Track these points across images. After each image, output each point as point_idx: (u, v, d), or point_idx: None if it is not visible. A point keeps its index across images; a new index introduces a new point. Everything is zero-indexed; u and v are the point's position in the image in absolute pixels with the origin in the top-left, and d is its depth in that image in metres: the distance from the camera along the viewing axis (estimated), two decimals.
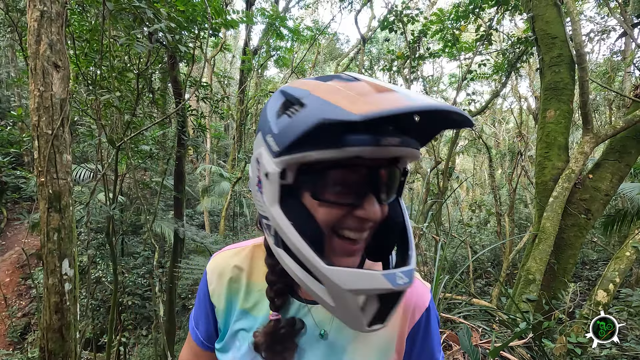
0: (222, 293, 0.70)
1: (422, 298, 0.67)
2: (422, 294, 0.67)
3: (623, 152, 3.17)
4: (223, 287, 0.70)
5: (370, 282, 0.47)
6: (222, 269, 0.71)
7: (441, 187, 6.36)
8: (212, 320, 0.72)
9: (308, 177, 0.51)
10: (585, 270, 8.83)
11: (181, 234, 5.16)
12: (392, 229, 0.57)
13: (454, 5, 6.24)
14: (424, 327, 0.67)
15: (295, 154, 0.48)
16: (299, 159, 0.48)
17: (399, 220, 0.57)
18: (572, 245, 3.19)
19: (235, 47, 17.09)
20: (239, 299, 0.69)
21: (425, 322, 0.67)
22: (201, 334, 0.74)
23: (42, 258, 2.17)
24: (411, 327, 0.65)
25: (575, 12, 3.11)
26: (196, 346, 0.76)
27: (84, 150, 7.84)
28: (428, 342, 0.68)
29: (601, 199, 3.16)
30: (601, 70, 9.58)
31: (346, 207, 0.52)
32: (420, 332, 0.66)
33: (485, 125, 14.55)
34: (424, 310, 0.66)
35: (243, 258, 0.71)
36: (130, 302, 7.44)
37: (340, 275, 0.48)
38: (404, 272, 0.48)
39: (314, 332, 0.64)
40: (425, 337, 0.67)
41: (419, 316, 0.66)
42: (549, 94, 3.49)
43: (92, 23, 4.03)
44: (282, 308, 0.65)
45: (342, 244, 0.53)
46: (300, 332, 0.63)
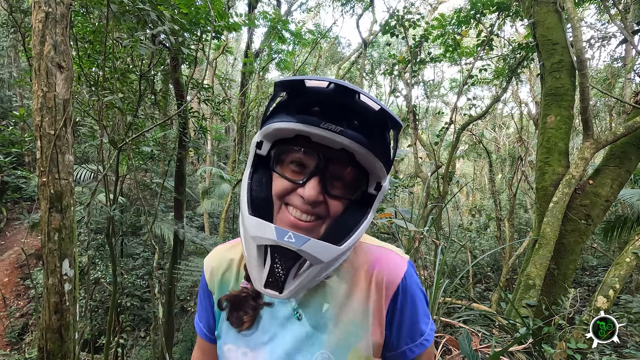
0: (216, 281, 0.75)
1: (395, 270, 0.68)
2: (397, 266, 0.69)
3: (623, 158, 3.18)
4: (218, 276, 0.75)
5: (263, 231, 0.56)
6: (218, 262, 0.76)
7: (441, 192, 6.36)
8: (211, 311, 0.76)
9: (276, 152, 0.61)
10: (586, 276, 8.81)
11: (181, 235, 5.16)
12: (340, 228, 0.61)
13: (455, 10, 6.28)
14: (402, 298, 0.67)
15: (265, 125, 0.60)
16: (265, 130, 0.60)
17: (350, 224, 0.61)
18: (572, 250, 3.19)
19: (237, 49, 17.15)
20: (230, 285, 0.73)
21: (403, 293, 0.67)
22: (204, 326, 0.78)
23: (41, 258, 2.17)
24: (388, 301, 0.67)
25: (576, 19, 3.13)
26: (202, 341, 0.80)
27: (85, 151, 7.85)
28: (409, 313, 0.68)
29: (601, 205, 3.16)
30: (601, 77, 9.61)
31: (292, 184, 0.60)
32: (399, 303, 0.67)
33: (486, 130, 14.56)
34: (398, 282, 0.67)
35: (236, 251, 0.77)
36: (129, 304, 7.43)
37: (251, 222, 0.57)
38: (297, 235, 0.55)
39: (290, 314, 0.67)
40: (404, 309, 0.67)
41: (394, 289, 0.67)
42: (550, 100, 3.50)
43: (96, 24, 4.06)
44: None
45: (287, 216, 0.60)
46: (266, 304, 0.68)
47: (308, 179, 0.58)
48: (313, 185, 0.58)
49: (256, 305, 0.68)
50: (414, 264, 0.74)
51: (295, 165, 0.60)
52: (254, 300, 0.68)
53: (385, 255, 0.70)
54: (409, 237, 2.70)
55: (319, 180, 0.58)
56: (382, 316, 0.67)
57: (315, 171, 0.58)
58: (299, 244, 0.55)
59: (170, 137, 6.35)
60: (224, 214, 8.89)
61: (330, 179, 0.60)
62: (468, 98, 7.28)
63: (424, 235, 2.45)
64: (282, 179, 0.60)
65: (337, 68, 14.78)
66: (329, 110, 0.56)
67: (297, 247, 0.55)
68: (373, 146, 0.58)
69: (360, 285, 0.68)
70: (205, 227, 10.77)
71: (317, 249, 0.56)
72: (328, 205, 0.60)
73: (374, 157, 0.58)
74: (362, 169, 0.61)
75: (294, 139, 0.59)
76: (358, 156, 0.58)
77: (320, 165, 0.58)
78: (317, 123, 0.55)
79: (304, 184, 0.58)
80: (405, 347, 0.68)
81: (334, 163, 0.59)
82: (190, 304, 8.68)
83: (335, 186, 0.61)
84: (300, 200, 0.59)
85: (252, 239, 0.57)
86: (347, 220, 0.61)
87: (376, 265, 0.68)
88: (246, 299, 0.69)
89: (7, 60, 13.03)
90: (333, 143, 0.56)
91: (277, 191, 0.61)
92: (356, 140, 0.56)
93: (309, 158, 0.59)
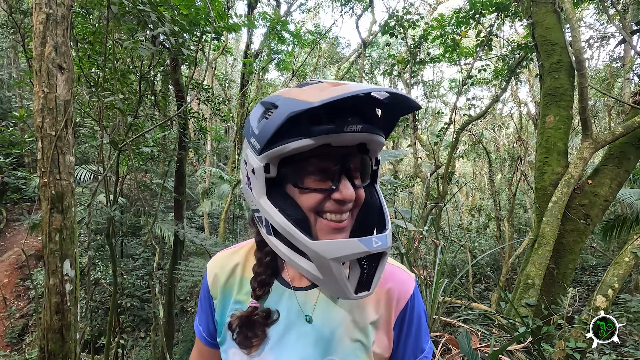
0: (219, 286, 0.75)
1: (405, 286, 0.71)
2: (406, 282, 0.71)
3: (622, 158, 3.19)
4: (221, 281, 0.75)
5: (349, 248, 0.55)
6: (221, 266, 0.76)
7: (441, 192, 6.36)
8: (212, 315, 0.77)
9: (289, 169, 0.59)
10: (585, 275, 8.82)
11: (181, 235, 5.16)
12: (371, 210, 0.64)
13: (455, 10, 6.29)
14: (410, 314, 0.70)
15: (274, 148, 0.56)
16: (277, 152, 0.56)
17: (376, 202, 0.65)
18: (571, 250, 3.20)
19: (237, 50, 17.16)
20: (234, 291, 0.74)
21: (411, 309, 0.70)
22: (203, 330, 0.79)
23: (42, 259, 2.18)
24: (397, 314, 0.69)
25: (574, 19, 3.14)
26: (201, 344, 0.80)
27: (85, 152, 7.86)
28: (414, 330, 0.70)
29: (600, 205, 3.17)
30: (600, 77, 9.63)
31: (324, 192, 0.59)
32: (407, 319, 0.70)
33: (486, 130, 14.58)
34: (408, 297, 0.70)
35: (239, 256, 0.77)
36: (129, 304, 7.43)
37: (323, 247, 0.55)
38: (378, 237, 0.56)
39: (299, 316, 0.68)
40: (410, 325, 0.70)
41: (404, 303, 0.70)
42: (549, 100, 3.51)
43: (96, 25, 4.06)
44: (262, 298, 0.70)
45: (327, 224, 0.60)
46: (273, 323, 0.68)
47: (336, 181, 0.59)
48: (346, 185, 0.58)
49: (265, 325, 0.68)
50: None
51: (318, 174, 0.59)
52: (264, 320, 0.68)
53: (395, 272, 0.72)
54: (408, 237, 2.70)
55: (347, 179, 0.59)
56: (390, 329, 0.69)
57: (341, 172, 0.59)
58: (386, 244, 0.57)
59: (170, 137, 6.36)
60: (224, 215, 8.89)
61: (352, 173, 0.61)
62: (467, 98, 7.29)
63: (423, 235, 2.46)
64: (309, 192, 0.59)
65: (336, 68, 14.79)
66: (346, 113, 0.55)
67: (385, 247, 0.57)
68: (385, 129, 0.60)
69: (371, 299, 0.69)
70: (205, 228, 10.78)
71: (390, 240, 0.58)
72: (356, 197, 0.62)
73: (382, 137, 0.61)
74: (366, 151, 0.63)
75: (309, 150, 0.57)
76: (370, 144, 0.60)
77: (345, 166, 0.59)
78: (339, 130, 0.54)
79: (336, 189, 0.59)
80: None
81: (351, 157, 0.60)
82: (191, 304, 8.68)
83: (359, 177, 0.63)
84: (335, 204, 0.59)
85: (334, 260, 0.55)
86: (371, 200, 0.65)
87: (387, 282, 0.70)
88: (257, 320, 0.68)
89: (7, 61, 13.03)
90: (353, 141, 0.57)
91: (310, 205, 0.60)
92: (373, 132, 0.58)
93: (330, 163, 0.59)
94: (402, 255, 2.16)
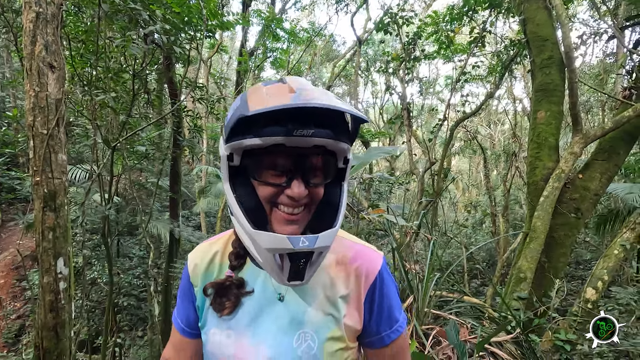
0: (200, 274, 0.78)
1: (373, 264, 0.75)
2: (374, 260, 0.76)
3: (612, 152, 3.23)
4: (201, 269, 0.79)
5: (276, 243, 0.60)
6: (201, 256, 0.80)
7: (436, 188, 6.41)
8: (192, 303, 0.80)
9: (250, 160, 0.64)
10: (580, 270, 8.89)
11: (177, 234, 5.17)
12: (330, 207, 0.68)
13: (448, 7, 6.31)
14: (379, 288, 0.75)
15: (234, 141, 0.61)
16: (237, 145, 0.61)
17: (334, 201, 0.68)
18: (562, 244, 3.25)
19: (232, 48, 17.09)
20: (214, 276, 0.77)
21: (380, 284, 0.75)
22: (182, 321, 0.82)
23: (37, 258, 2.18)
24: (367, 290, 0.73)
25: (564, 15, 3.17)
26: (177, 336, 0.83)
27: (79, 151, 7.82)
28: (386, 302, 0.75)
29: (591, 199, 3.21)
30: (594, 72, 9.69)
31: (277, 187, 0.64)
32: (377, 293, 0.75)
33: (481, 127, 14.64)
34: (376, 273, 0.75)
35: (218, 245, 0.81)
36: (125, 303, 7.43)
37: (261, 237, 0.61)
38: (306, 237, 0.60)
39: (272, 295, 0.73)
40: (382, 298, 0.75)
41: (372, 279, 0.74)
42: (540, 96, 3.55)
43: (88, 24, 4.05)
44: (237, 269, 0.75)
45: (280, 214, 0.65)
46: (247, 293, 0.73)
47: (290, 178, 0.63)
48: (297, 184, 0.62)
49: (238, 294, 0.73)
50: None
51: (275, 169, 0.63)
52: (237, 289, 0.73)
53: (363, 250, 0.78)
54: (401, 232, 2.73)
55: (300, 178, 0.63)
56: (360, 303, 0.73)
57: (295, 170, 0.63)
58: (313, 245, 0.60)
59: (165, 136, 6.35)
60: (220, 213, 8.90)
61: (308, 171, 0.64)
62: (462, 95, 7.32)
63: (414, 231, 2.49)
64: (265, 184, 0.64)
65: (332, 66, 14.78)
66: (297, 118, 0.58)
67: (312, 248, 0.60)
68: (339, 135, 0.63)
69: (340, 275, 0.74)
70: (202, 226, 10.77)
71: (324, 239, 0.62)
72: (311, 194, 0.65)
73: (341, 142, 0.63)
74: (331, 152, 0.65)
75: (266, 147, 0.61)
76: (328, 147, 0.63)
77: (298, 165, 0.63)
78: (289, 133, 0.57)
79: (289, 185, 0.63)
80: (383, 333, 0.75)
81: (308, 157, 0.63)
82: None
83: (314, 176, 0.65)
84: (288, 198, 0.63)
85: (267, 250, 0.61)
86: (330, 198, 0.68)
87: (356, 259, 0.75)
88: (230, 287, 0.73)
89: (0, 61, 12.92)
90: (306, 144, 0.60)
91: (264, 197, 0.64)
92: (326, 136, 0.60)
93: (286, 161, 0.63)
94: (393, 250, 2.19)
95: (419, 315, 1.94)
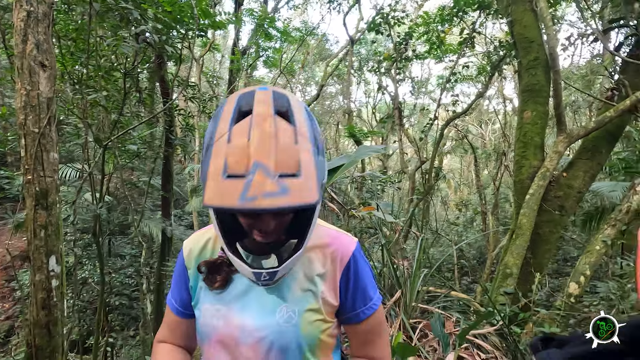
0: (193, 257, 0.85)
1: (347, 248, 0.82)
2: (348, 245, 0.83)
3: (595, 151, 3.33)
4: (195, 253, 0.85)
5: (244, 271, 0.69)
6: (195, 241, 0.87)
7: (426, 186, 6.49)
8: (185, 285, 0.86)
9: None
10: (567, 267, 9.06)
11: (169, 232, 5.17)
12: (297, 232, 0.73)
13: (439, 8, 6.39)
14: (354, 269, 0.82)
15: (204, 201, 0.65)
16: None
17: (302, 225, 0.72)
18: (547, 240, 3.34)
19: (225, 46, 17.01)
20: (207, 257, 0.84)
21: (354, 265, 0.82)
22: (176, 301, 0.88)
23: (27, 259, 2.19)
24: (342, 270, 0.81)
25: (548, 18, 3.25)
26: (171, 316, 0.89)
27: (70, 150, 7.74)
28: (360, 282, 0.83)
29: (574, 196, 3.31)
30: (582, 73, 9.87)
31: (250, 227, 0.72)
32: (351, 273, 0.82)
33: (472, 126, 14.81)
34: (350, 255, 0.82)
35: (211, 232, 0.88)
36: (117, 303, 7.38)
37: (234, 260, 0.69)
38: (268, 273, 0.67)
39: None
40: (356, 278, 0.82)
41: (347, 260, 0.81)
42: (526, 96, 3.63)
43: (79, 22, 4.03)
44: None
45: (255, 235, 0.72)
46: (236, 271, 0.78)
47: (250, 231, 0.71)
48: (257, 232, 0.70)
49: (229, 271, 0.81)
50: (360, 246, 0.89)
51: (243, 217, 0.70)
52: (228, 267, 0.80)
53: (339, 236, 0.85)
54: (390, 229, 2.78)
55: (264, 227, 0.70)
56: (336, 282, 0.81)
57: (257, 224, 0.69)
58: (273, 278, 0.68)
59: (157, 135, 6.33)
60: None
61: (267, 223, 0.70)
62: (452, 95, 7.42)
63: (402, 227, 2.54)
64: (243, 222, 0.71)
65: (325, 65, 14.81)
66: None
67: (272, 281, 0.68)
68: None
69: (318, 257, 0.81)
70: (195, 226, 10.71)
71: (285, 269, 0.68)
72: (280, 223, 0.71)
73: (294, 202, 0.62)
74: None
75: None
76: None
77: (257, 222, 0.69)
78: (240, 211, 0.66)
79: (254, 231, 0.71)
80: (359, 310, 0.83)
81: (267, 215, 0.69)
82: None
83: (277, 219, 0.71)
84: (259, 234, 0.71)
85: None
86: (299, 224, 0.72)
87: (332, 244, 0.83)
88: (221, 265, 0.81)
89: None
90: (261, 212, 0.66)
91: (245, 226, 0.72)
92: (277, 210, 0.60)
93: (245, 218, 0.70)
94: (382, 246, 2.24)
95: (407, 309, 1.99)
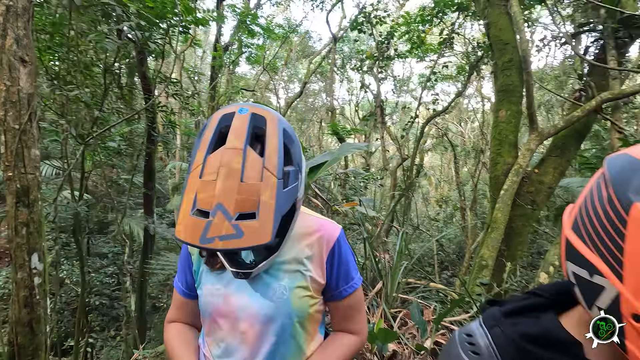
0: None
1: (332, 233, 0.91)
2: (332, 231, 0.92)
3: (564, 149, 3.53)
4: None
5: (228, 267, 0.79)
6: None
7: (407, 183, 6.65)
8: (190, 270, 0.95)
9: None
10: (541, 259, 9.46)
11: (151, 230, 5.12)
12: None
13: (420, 8, 6.54)
14: (338, 252, 0.93)
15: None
16: None
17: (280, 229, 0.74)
18: (520, 233, 3.51)
19: (206, 42, 16.74)
20: None
21: (338, 249, 0.93)
22: (182, 283, 0.97)
23: (8, 255, 2.16)
24: (327, 252, 0.90)
25: (521, 22, 3.41)
26: (178, 297, 0.98)
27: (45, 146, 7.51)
28: (343, 263, 0.93)
29: (545, 191, 3.50)
30: (555, 74, 10.27)
31: None
32: (336, 255, 0.92)
33: (452, 124, 15.16)
34: (335, 240, 0.92)
35: None
36: (97, 303, 7.24)
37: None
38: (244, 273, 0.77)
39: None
40: (340, 260, 0.92)
41: (332, 244, 0.91)
42: (501, 96, 3.79)
43: (56, 16, 3.93)
44: None
45: None
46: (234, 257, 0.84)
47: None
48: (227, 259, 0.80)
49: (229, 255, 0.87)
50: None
51: None
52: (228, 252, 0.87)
53: (324, 223, 0.94)
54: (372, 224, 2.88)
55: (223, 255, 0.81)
56: (322, 263, 0.91)
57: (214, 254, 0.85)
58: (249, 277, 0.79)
59: (138, 132, 6.23)
60: None
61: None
62: (432, 93, 7.61)
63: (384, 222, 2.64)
64: None
65: (308, 62, 14.82)
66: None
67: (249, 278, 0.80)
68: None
69: (306, 242, 0.90)
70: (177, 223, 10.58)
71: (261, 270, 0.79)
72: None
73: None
74: None
75: None
76: None
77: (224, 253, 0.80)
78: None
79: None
80: (341, 288, 0.93)
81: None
82: (162, 301, 8.56)
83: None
84: None
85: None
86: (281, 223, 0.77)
87: (319, 230, 0.92)
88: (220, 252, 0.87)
89: None
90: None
91: None
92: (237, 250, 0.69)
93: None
94: (364, 240, 2.33)
95: (388, 299, 2.09)
